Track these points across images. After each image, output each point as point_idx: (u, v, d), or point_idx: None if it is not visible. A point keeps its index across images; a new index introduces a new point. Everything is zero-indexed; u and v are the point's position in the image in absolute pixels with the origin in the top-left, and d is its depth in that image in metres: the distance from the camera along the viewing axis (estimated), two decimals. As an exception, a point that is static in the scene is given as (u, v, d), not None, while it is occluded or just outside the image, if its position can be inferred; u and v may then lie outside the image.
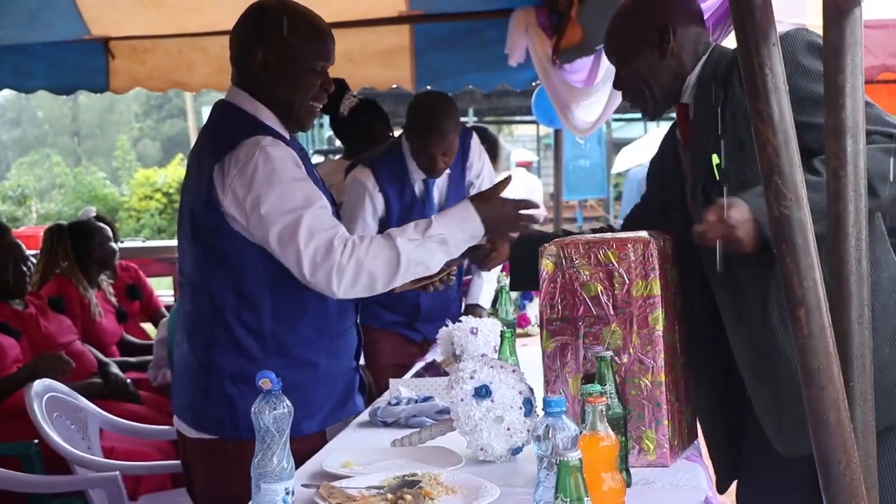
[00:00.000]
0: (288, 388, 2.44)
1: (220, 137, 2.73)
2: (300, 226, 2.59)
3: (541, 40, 4.90)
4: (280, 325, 2.71)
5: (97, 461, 3.90)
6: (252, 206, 2.61)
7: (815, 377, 1.40)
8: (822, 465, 1.40)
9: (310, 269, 2.60)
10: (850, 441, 1.39)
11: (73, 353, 4.59)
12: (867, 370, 1.49)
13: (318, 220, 2.62)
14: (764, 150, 1.39)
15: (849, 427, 1.40)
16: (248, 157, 2.62)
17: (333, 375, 2.84)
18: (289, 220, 2.60)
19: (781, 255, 1.41)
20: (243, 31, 2.80)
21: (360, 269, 2.61)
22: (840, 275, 1.48)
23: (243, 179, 2.61)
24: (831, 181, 1.49)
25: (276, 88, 2.75)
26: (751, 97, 1.40)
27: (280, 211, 2.60)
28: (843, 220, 1.48)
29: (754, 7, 1.39)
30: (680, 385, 2.47)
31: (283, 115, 2.78)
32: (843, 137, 1.47)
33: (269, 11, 2.78)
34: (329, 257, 2.59)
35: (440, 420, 2.78)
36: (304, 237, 2.59)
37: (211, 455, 2.79)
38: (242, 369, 2.69)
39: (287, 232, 2.60)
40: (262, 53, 2.73)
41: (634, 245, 2.35)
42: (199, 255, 2.75)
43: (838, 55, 1.46)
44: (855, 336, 1.47)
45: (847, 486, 1.38)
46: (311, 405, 2.75)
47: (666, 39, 2.50)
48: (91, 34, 5.33)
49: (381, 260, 2.63)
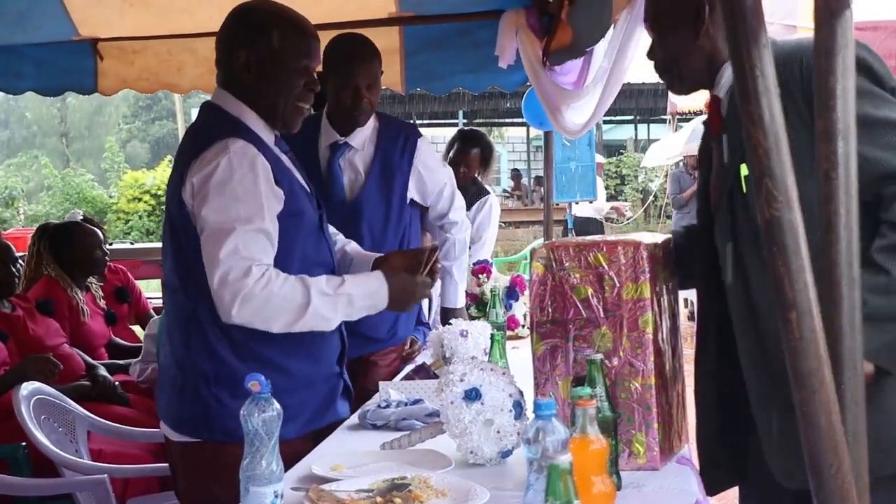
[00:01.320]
0: None
1: (198, 138, 2.73)
2: (227, 240, 2.57)
3: (531, 42, 4.90)
4: (250, 329, 2.67)
5: (85, 464, 3.89)
6: (198, 204, 2.62)
7: (806, 380, 1.39)
8: (813, 469, 1.39)
9: (219, 282, 2.56)
10: (841, 445, 1.39)
11: (61, 355, 4.57)
12: (858, 373, 1.49)
13: (248, 241, 2.58)
14: (755, 152, 1.38)
15: (840, 431, 1.39)
16: (212, 157, 2.63)
17: (310, 381, 2.83)
18: (221, 230, 2.58)
19: (772, 257, 1.40)
20: (227, 32, 2.81)
21: (266, 303, 2.58)
22: (831, 277, 1.48)
23: (200, 178, 2.62)
24: (822, 183, 1.49)
25: (260, 89, 2.76)
26: (742, 99, 1.39)
27: (217, 219, 2.59)
28: (834, 223, 1.48)
29: (745, 9, 1.39)
30: (670, 388, 2.47)
31: (269, 116, 2.79)
32: (835, 140, 1.47)
33: (252, 12, 2.79)
34: (242, 280, 2.55)
35: (430, 423, 2.77)
36: (225, 251, 2.56)
37: (192, 458, 2.78)
38: (216, 372, 2.70)
39: (213, 240, 2.58)
40: (244, 55, 2.74)
41: (625, 248, 2.35)
42: (176, 254, 2.75)
43: (829, 57, 1.46)
44: (846, 339, 1.47)
45: (838, 490, 1.38)
46: (286, 409, 2.71)
47: (701, 18, 2.43)
48: (79, 35, 5.30)
49: (290, 304, 2.61)
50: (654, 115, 24.02)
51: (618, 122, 27.86)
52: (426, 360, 3.67)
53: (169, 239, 2.77)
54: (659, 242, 2.48)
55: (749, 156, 1.41)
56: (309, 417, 2.84)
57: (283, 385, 2.66)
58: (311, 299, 2.62)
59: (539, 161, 20.77)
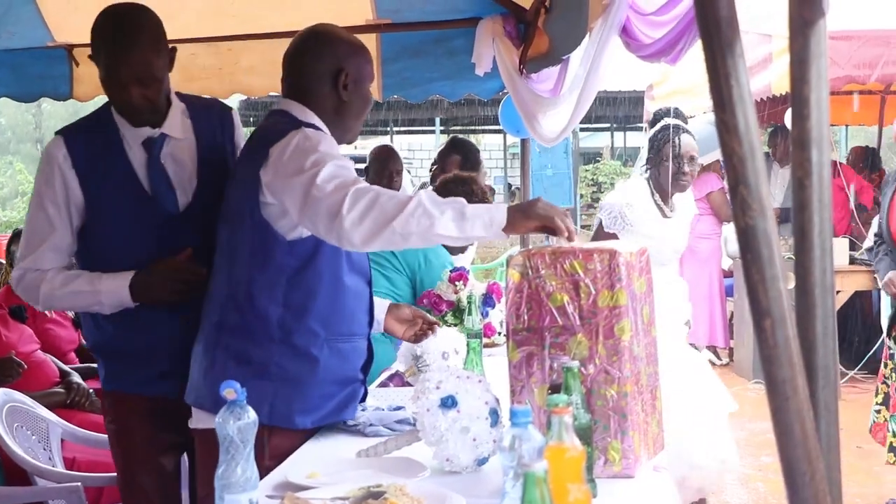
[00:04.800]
0: (286, 377, 2.75)
1: (273, 130, 2.82)
2: (325, 167, 2.61)
3: (508, 50, 4.90)
4: (287, 313, 2.78)
5: (58, 472, 3.86)
6: (283, 168, 2.68)
7: (780, 388, 1.40)
8: (788, 477, 1.40)
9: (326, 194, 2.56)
10: (814, 452, 1.39)
11: (34, 362, 4.55)
12: (832, 381, 1.49)
13: (344, 167, 2.66)
14: (730, 160, 1.39)
15: (814, 438, 1.39)
16: (291, 137, 2.73)
17: (336, 376, 2.88)
18: (317, 163, 2.63)
19: (746, 265, 1.41)
20: (318, 51, 2.92)
21: (376, 198, 2.53)
22: (805, 286, 1.49)
23: (283, 149, 2.71)
24: (796, 191, 1.49)
25: (351, 106, 2.94)
26: (717, 108, 1.40)
27: (308, 162, 2.64)
28: (808, 231, 1.48)
29: (720, 18, 1.39)
30: (646, 395, 2.47)
31: (342, 132, 2.96)
32: (808, 147, 1.48)
33: (333, 34, 2.97)
34: (347, 188, 2.55)
35: (397, 430, 2.79)
36: (326, 173, 2.60)
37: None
38: (247, 351, 2.80)
39: (309, 177, 2.61)
40: (344, 75, 2.89)
41: (601, 255, 2.35)
42: (226, 239, 2.87)
43: (803, 66, 1.47)
44: (820, 347, 1.48)
45: (812, 497, 1.38)
46: (308, 399, 2.83)
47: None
48: (55, 41, 5.28)
49: (395, 200, 2.53)
50: (630, 123, 24.09)
51: (595, 129, 27.92)
52: (399, 368, 3.67)
53: (226, 225, 2.89)
54: (635, 251, 2.48)
55: (724, 164, 1.42)
56: (328, 412, 2.89)
57: (309, 373, 2.81)
58: (416, 196, 2.54)
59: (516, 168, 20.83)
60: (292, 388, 2.80)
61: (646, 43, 3.31)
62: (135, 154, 3.04)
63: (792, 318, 1.42)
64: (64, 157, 3.00)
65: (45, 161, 3.05)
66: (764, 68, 7.13)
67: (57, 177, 3.00)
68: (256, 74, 5.43)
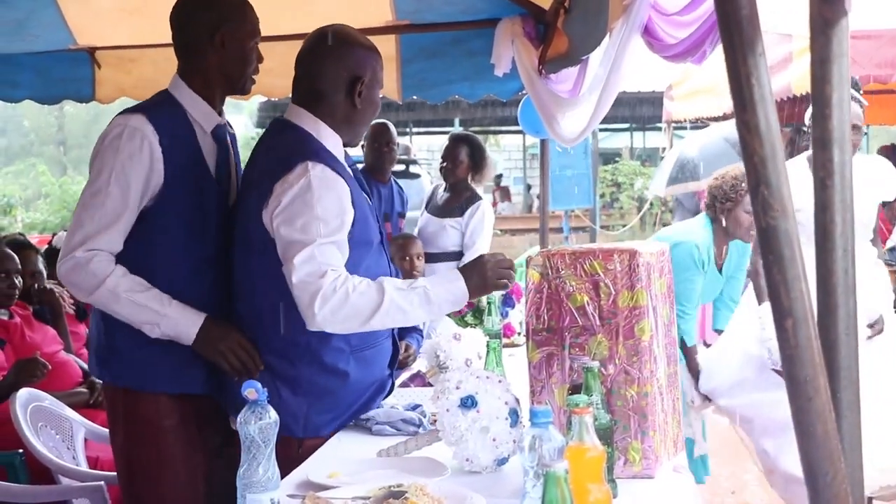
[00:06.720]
0: (319, 392, 2.83)
1: (278, 158, 2.84)
2: (304, 250, 2.70)
3: (527, 50, 4.90)
4: (313, 337, 2.81)
5: (82, 471, 3.88)
6: (280, 223, 2.75)
7: (802, 388, 1.40)
8: (809, 477, 1.39)
9: (297, 285, 2.70)
10: (836, 453, 1.39)
11: (58, 362, 4.56)
12: (854, 381, 1.49)
13: (324, 251, 2.72)
14: (751, 160, 1.39)
15: (836, 439, 1.39)
16: (295, 180, 2.75)
17: (365, 382, 2.96)
18: (300, 243, 2.71)
19: (768, 265, 1.41)
20: (334, 57, 2.92)
21: (345, 300, 2.69)
22: (827, 286, 1.49)
23: (283, 199, 2.74)
24: (818, 191, 1.49)
25: (363, 113, 2.96)
26: (738, 108, 1.40)
27: (298, 237, 2.72)
28: (831, 231, 1.48)
29: (741, 17, 1.39)
30: (666, 396, 2.47)
31: (351, 136, 2.99)
32: (830, 147, 1.48)
33: (348, 39, 2.97)
34: (318, 281, 2.68)
35: (402, 429, 2.81)
36: (301, 258, 2.69)
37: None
38: (281, 369, 2.86)
39: (291, 251, 2.71)
40: (361, 83, 2.91)
41: (620, 256, 2.35)
42: (244, 263, 2.89)
43: (825, 65, 1.47)
44: (842, 347, 1.47)
45: (834, 498, 1.38)
46: (338, 408, 2.91)
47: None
48: (77, 44, 5.32)
49: (367, 299, 2.71)
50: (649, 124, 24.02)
51: (613, 130, 27.86)
52: (421, 369, 3.67)
53: (238, 248, 2.91)
54: (654, 251, 2.48)
55: (745, 164, 1.42)
56: (352, 414, 2.96)
57: (340, 386, 2.89)
58: (385, 293, 2.72)
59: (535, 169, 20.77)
60: (325, 401, 2.88)
61: (670, 43, 3.29)
62: (204, 141, 2.99)
63: (814, 318, 1.42)
64: (152, 132, 2.88)
65: (129, 137, 2.87)
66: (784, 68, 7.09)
67: (146, 151, 2.87)
68: (276, 76, 5.40)
